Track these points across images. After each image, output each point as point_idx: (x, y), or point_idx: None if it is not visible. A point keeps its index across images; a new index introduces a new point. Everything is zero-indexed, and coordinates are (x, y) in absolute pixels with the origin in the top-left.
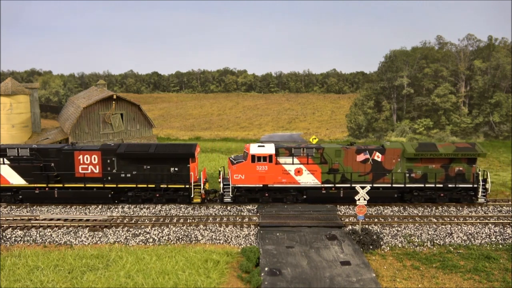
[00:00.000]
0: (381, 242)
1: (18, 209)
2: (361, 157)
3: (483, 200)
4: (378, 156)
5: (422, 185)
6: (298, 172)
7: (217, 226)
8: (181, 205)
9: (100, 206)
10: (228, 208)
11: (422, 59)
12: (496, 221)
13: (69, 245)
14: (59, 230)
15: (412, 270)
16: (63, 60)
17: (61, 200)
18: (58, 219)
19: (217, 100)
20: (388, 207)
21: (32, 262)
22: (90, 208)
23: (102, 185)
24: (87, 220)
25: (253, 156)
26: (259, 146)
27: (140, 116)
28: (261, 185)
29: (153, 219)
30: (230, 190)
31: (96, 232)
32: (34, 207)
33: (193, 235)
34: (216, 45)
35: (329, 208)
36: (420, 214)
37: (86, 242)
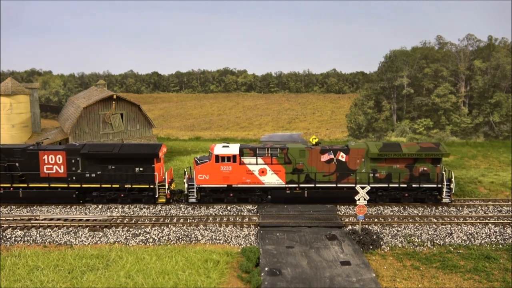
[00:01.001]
0: (381, 242)
1: (18, 209)
2: (325, 157)
3: (448, 200)
4: (342, 156)
5: (386, 185)
6: (262, 172)
7: (217, 226)
8: (181, 205)
9: (100, 206)
10: (228, 208)
11: (422, 59)
12: (496, 221)
13: (69, 245)
14: (59, 230)
15: (412, 270)
16: (63, 60)
17: (25, 200)
18: (58, 219)
19: (217, 100)
20: (388, 207)
21: (32, 262)
22: (90, 208)
23: (66, 185)
24: (87, 220)
25: (217, 157)
26: (223, 146)
27: (140, 116)
28: (226, 185)
29: (153, 219)
30: (195, 191)
31: (96, 232)
32: (34, 207)
33: (193, 235)
34: (216, 45)
35: (329, 208)
36: (420, 214)
37: (86, 242)
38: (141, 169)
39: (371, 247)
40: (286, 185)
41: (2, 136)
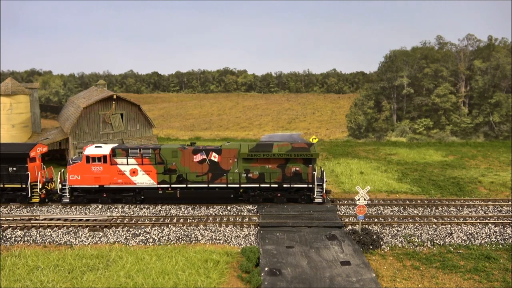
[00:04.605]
0: (381, 242)
1: (18, 209)
2: (198, 158)
3: (320, 199)
4: (214, 157)
5: (257, 185)
6: (134, 172)
7: (217, 226)
8: (181, 205)
9: (100, 206)
10: (228, 208)
11: (422, 59)
12: (496, 221)
13: (69, 245)
14: (59, 230)
15: (412, 270)
16: (63, 60)
17: None
18: (58, 219)
19: (217, 100)
20: (388, 207)
21: (32, 262)
22: (90, 208)
23: None
24: (87, 220)
25: (87, 157)
26: (96, 146)
27: (140, 116)
28: (97, 186)
29: (153, 219)
30: (67, 191)
31: (96, 232)
32: (34, 207)
33: (193, 235)
34: (216, 45)
35: (329, 208)
36: (420, 214)
37: (86, 242)
38: (14, 168)
39: (371, 247)
40: (158, 186)
41: (2, 136)
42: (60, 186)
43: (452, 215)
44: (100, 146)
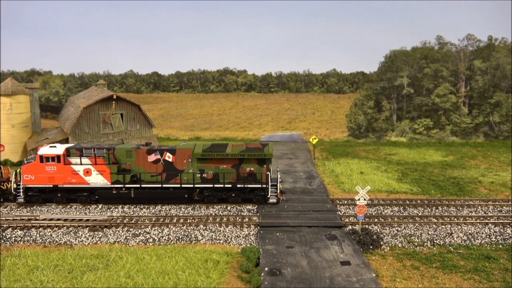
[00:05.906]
0: (381, 242)
1: (18, 209)
2: (152, 158)
3: (275, 200)
4: (169, 157)
5: (212, 185)
6: (87, 172)
7: (217, 226)
8: (181, 205)
9: (100, 206)
10: (228, 208)
11: (422, 59)
12: (496, 221)
13: (69, 245)
14: (59, 230)
15: (412, 270)
16: (63, 60)
17: None
18: (58, 219)
19: (217, 100)
20: (388, 207)
21: (32, 262)
22: (90, 208)
23: None
24: (87, 220)
25: (41, 157)
26: (50, 146)
27: (140, 116)
28: (51, 186)
29: (153, 219)
30: (21, 191)
31: (96, 232)
32: (34, 207)
33: (193, 235)
34: (216, 45)
35: (329, 208)
36: (420, 214)
37: (86, 242)
38: None
39: (371, 247)
40: (112, 185)
41: (2, 136)
42: (15, 185)
43: (452, 215)
44: (55, 146)
